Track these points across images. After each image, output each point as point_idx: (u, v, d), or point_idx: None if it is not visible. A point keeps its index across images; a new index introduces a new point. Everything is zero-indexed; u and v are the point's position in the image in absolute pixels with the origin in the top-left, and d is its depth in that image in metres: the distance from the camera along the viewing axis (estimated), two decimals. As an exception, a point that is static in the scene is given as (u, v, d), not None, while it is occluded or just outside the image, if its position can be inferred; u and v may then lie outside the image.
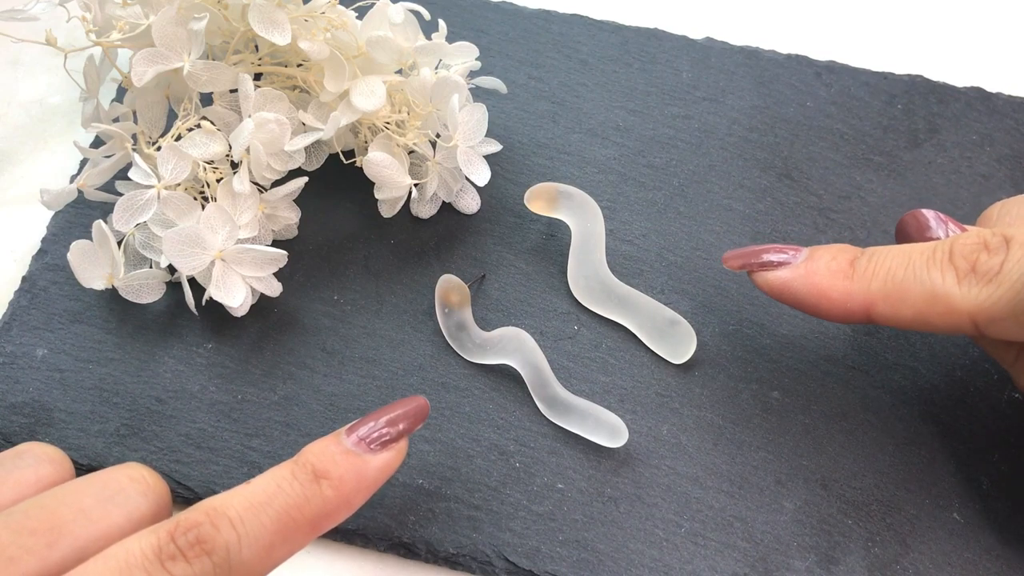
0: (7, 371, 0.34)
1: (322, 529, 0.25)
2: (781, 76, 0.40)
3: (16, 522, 0.22)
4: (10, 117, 0.42)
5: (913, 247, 0.28)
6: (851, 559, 0.31)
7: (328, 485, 0.25)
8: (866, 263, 0.29)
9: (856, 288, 0.28)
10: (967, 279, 0.27)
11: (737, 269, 0.31)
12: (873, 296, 0.28)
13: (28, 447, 0.25)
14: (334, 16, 0.32)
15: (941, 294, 0.27)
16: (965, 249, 0.27)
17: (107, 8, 0.33)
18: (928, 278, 0.27)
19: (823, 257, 0.29)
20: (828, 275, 0.29)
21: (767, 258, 0.30)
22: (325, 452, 0.26)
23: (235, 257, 0.32)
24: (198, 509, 0.23)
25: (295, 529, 0.24)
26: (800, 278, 0.29)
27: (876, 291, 0.28)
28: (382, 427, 0.27)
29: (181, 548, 0.22)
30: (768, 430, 0.33)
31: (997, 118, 0.39)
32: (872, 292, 0.28)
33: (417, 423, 0.28)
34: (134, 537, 0.22)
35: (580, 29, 0.42)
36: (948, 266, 0.27)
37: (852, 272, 0.29)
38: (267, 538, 0.24)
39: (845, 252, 0.29)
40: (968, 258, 0.27)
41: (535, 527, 0.31)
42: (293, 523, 0.24)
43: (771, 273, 0.30)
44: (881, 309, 0.28)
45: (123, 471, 0.24)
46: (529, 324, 0.35)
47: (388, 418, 0.27)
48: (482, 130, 0.34)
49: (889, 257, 0.28)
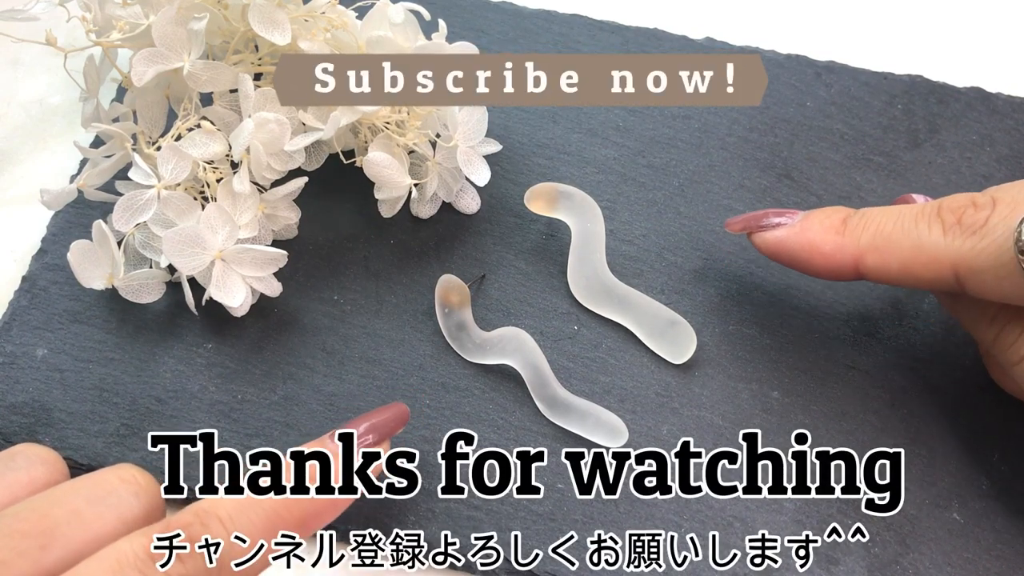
0: (7, 371, 0.34)
1: (310, 529, 0.26)
2: (781, 76, 0.40)
3: (8, 525, 0.22)
4: (10, 117, 0.42)
5: (905, 206, 0.29)
6: (851, 559, 0.31)
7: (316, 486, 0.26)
8: (857, 219, 0.30)
9: (847, 241, 0.30)
10: (952, 230, 0.27)
11: (738, 232, 0.32)
12: (863, 249, 0.29)
13: (20, 449, 0.25)
14: (334, 16, 0.32)
15: (926, 244, 0.28)
16: (953, 204, 0.28)
17: (107, 8, 0.33)
18: (915, 230, 0.28)
19: (817, 216, 0.31)
20: (821, 231, 0.30)
21: (767, 220, 0.31)
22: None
23: (235, 257, 0.32)
24: (188, 511, 0.24)
25: (284, 528, 0.25)
26: (795, 235, 0.31)
27: (866, 244, 0.29)
28: (364, 432, 0.28)
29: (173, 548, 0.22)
30: (768, 430, 0.33)
31: (997, 118, 0.39)
32: (862, 245, 0.29)
33: (398, 428, 0.29)
34: (126, 539, 0.22)
35: (580, 29, 0.42)
36: (936, 219, 0.28)
37: (844, 228, 0.30)
38: (256, 536, 0.24)
39: (838, 211, 0.31)
40: (955, 212, 0.28)
41: (535, 527, 0.31)
42: (282, 522, 0.25)
43: (769, 233, 0.31)
44: (870, 262, 0.29)
45: (115, 472, 0.25)
46: (529, 324, 0.35)
47: (369, 424, 0.29)
48: (482, 130, 0.34)
49: (880, 214, 0.30)
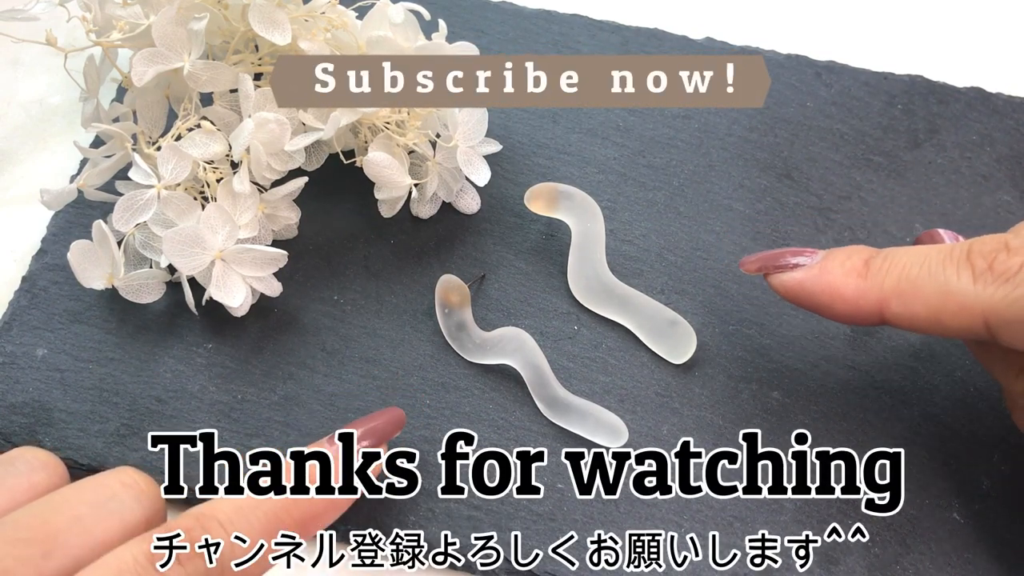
0: (7, 371, 0.34)
1: (310, 531, 0.26)
2: (781, 76, 0.40)
3: (9, 532, 0.22)
4: (10, 117, 0.42)
5: (931, 247, 0.27)
6: (851, 559, 0.31)
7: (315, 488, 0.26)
8: (881, 261, 0.28)
9: (870, 286, 0.28)
10: (983, 277, 0.26)
11: (754, 272, 0.30)
12: (887, 294, 0.27)
13: (20, 452, 0.25)
14: (334, 16, 0.32)
15: (955, 291, 0.26)
16: (984, 248, 0.26)
17: (107, 8, 0.33)
18: (943, 275, 0.26)
19: (838, 257, 0.29)
20: (842, 273, 0.28)
21: (784, 260, 0.30)
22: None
23: (235, 257, 0.32)
24: (188, 515, 0.24)
25: (284, 530, 0.25)
26: (815, 278, 0.29)
27: (890, 289, 0.27)
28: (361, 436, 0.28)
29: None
30: (768, 430, 0.33)
31: (997, 118, 0.39)
32: (886, 290, 0.27)
33: (394, 432, 0.29)
34: (127, 545, 0.23)
35: (580, 29, 0.42)
36: (965, 264, 0.26)
37: (867, 271, 0.28)
38: (256, 538, 0.24)
39: (860, 252, 0.29)
40: (986, 257, 0.26)
41: (535, 527, 0.31)
42: (282, 524, 0.25)
43: (786, 274, 0.29)
44: (894, 308, 0.27)
45: (116, 476, 0.25)
46: (529, 324, 0.35)
47: (366, 428, 0.29)
48: (482, 130, 0.34)
49: (905, 255, 0.28)
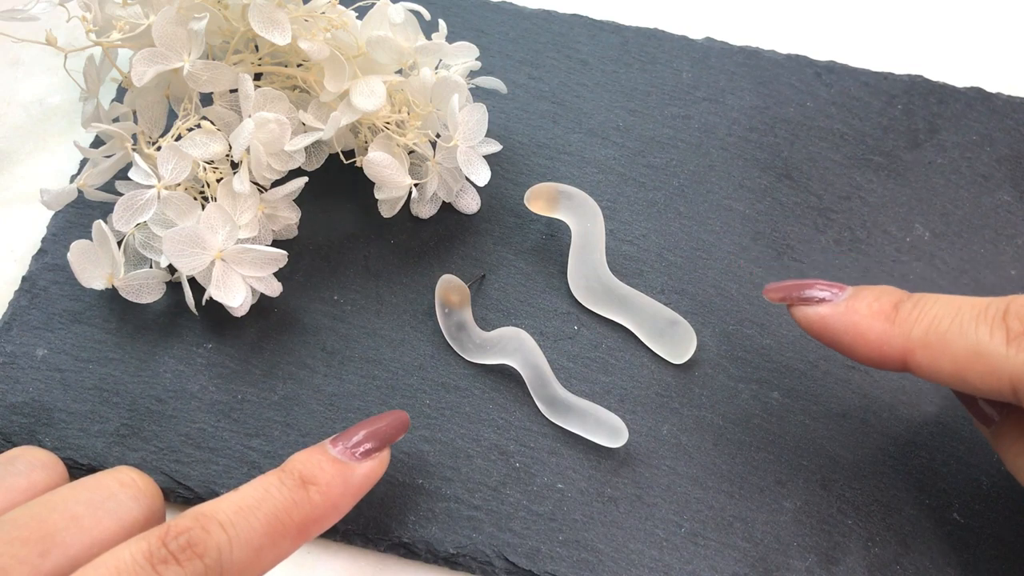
0: (7, 371, 0.34)
1: (310, 534, 0.26)
2: (781, 76, 0.40)
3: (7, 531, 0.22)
4: (10, 117, 0.42)
5: (966, 299, 0.26)
6: (851, 559, 0.31)
7: (316, 491, 0.26)
8: (911, 308, 0.27)
9: (896, 332, 0.27)
10: (1017, 341, 0.24)
11: (777, 301, 0.29)
12: (913, 343, 0.26)
13: (20, 452, 0.25)
14: (334, 16, 0.32)
15: (985, 352, 0.25)
16: (1023, 310, 0.25)
17: (107, 8, 0.33)
18: (975, 333, 0.25)
19: (866, 297, 0.28)
20: (869, 315, 0.27)
21: (809, 293, 0.28)
22: (311, 460, 0.27)
23: (235, 257, 0.32)
24: (187, 515, 0.24)
25: (283, 533, 0.25)
26: (839, 315, 0.28)
27: (917, 338, 0.26)
28: (364, 438, 0.28)
29: (173, 552, 0.22)
30: (768, 430, 0.33)
31: (997, 118, 0.39)
32: (912, 339, 0.26)
33: (398, 435, 0.29)
34: (125, 544, 0.22)
35: (580, 29, 0.42)
36: (1000, 324, 0.25)
37: (895, 315, 0.27)
38: (257, 540, 0.24)
39: (890, 294, 0.28)
40: (1023, 319, 0.25)
41: (535, 527, 0.31)
42: (282, 527, 0.25)
43: (811, 308, 0.28)
44: (919, 358, 0.26)
45: (114, 476, 0.25)
46: (529, 324, 0.35)
47: (369, 431, 0.28)
48: (482, 130, 0.34)
49: (937, 305, 0.26)
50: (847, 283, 0.35)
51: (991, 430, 0.29)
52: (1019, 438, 0.27)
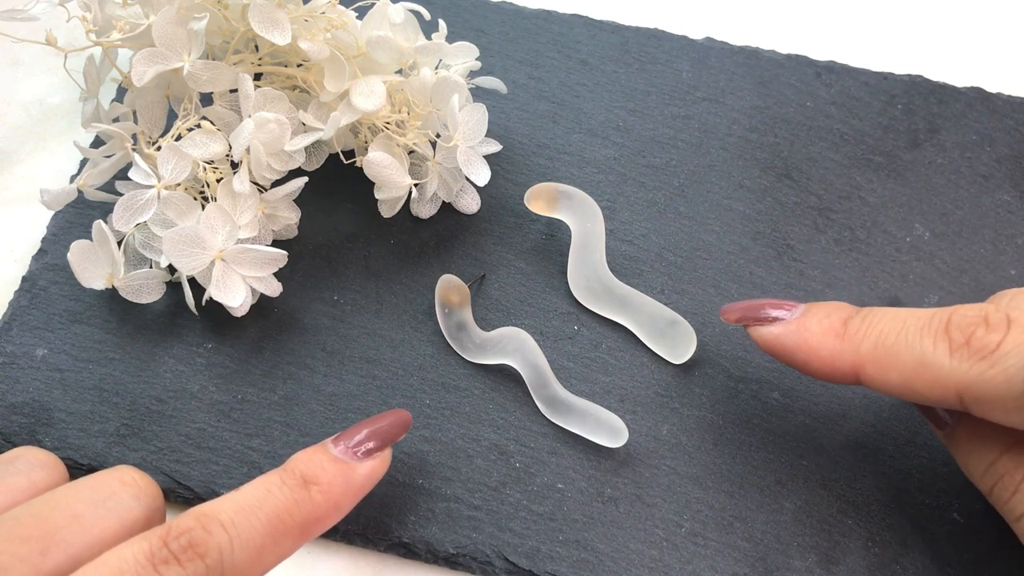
0: (7, 371, 0.34)
1: (312, 533, 0.26)
2: (781, 76, 0.40)
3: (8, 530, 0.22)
4: (10, 117, 0.42)
5: (911, 312, 0.27)
6: (851, 559, 0.31)
7: (317, 491, 0.26)
8: (859, 323, 0.28)
9: (846, 348, 0.27)
10: (960, 352, 0.25)
11: (734, 323, 0.30)
12: (862, 358, 0.27)
13: (21, 452, 0.25)
14: (334, 16, 0.32)
15: (930, 363, 0.26)
16: (963, 321, 0.26)
17: (107, 8, 0.33)
18: (919, 345, 0.26)
19: (817, 314, 0.29)
20: (819, 333, 0.28)
21: (763, 313, 0.29)
22: (312, 460, 0.27)
23: (235, 257, 0.32)
24: (189, 515, 0.24)
25: (285, 533, 0.25)
26: (792, 333, 0.28)
27: (866, 353, 0.27)
28: (366, 437, 0.28)
29: (174, 552, 0.22)
30: (768, 430, 0.33)
31: (997, 118, 0.39)
32: (862, 354, 0.27)
33: (400, 434, 0.29)
34: (126, 544, 0.22)
35: (580, 29, 0.42)
36: (943, 335, 0.26)
37: (844, 331, 0.28)
38: (258, 540, 0.24)
39: (840, 310, 0.28)
40: (965, 330, 0.25)
41: (535, 527, 0.31)
42: (283, 526, 0.25)
43: (765, 328, 0.29)
44: (869, 372, 0.27)
45: (115, 475, 0.25)
46: (529, 324, 0.35)
47: (371, 430, 0.28)
48: (482, 130, 0.34)
49: (884, 320, 0.27)
50: (847, 283, 0.35)
51: (944, 433, 0.29)
52: (970, 440, 0.28)
